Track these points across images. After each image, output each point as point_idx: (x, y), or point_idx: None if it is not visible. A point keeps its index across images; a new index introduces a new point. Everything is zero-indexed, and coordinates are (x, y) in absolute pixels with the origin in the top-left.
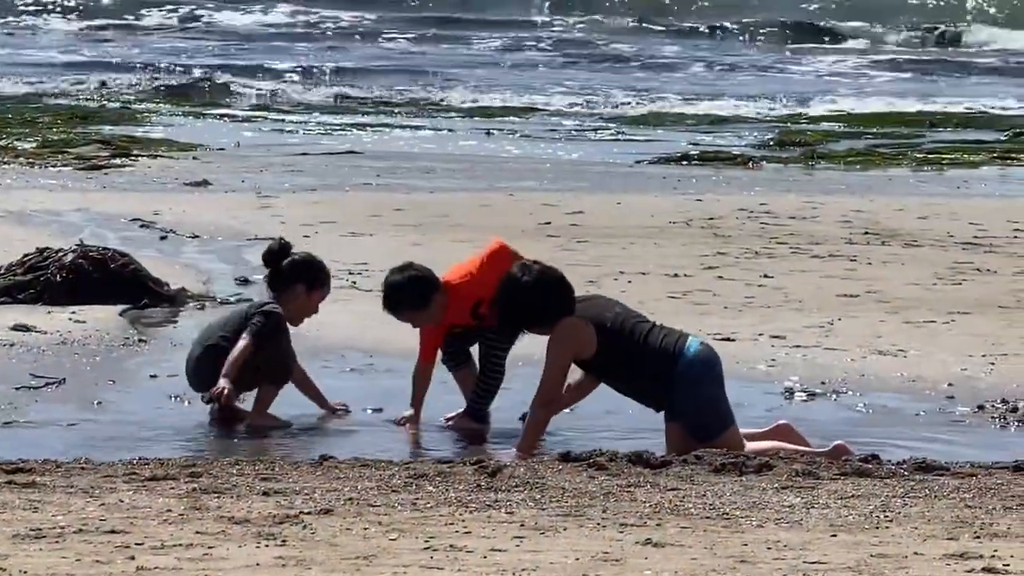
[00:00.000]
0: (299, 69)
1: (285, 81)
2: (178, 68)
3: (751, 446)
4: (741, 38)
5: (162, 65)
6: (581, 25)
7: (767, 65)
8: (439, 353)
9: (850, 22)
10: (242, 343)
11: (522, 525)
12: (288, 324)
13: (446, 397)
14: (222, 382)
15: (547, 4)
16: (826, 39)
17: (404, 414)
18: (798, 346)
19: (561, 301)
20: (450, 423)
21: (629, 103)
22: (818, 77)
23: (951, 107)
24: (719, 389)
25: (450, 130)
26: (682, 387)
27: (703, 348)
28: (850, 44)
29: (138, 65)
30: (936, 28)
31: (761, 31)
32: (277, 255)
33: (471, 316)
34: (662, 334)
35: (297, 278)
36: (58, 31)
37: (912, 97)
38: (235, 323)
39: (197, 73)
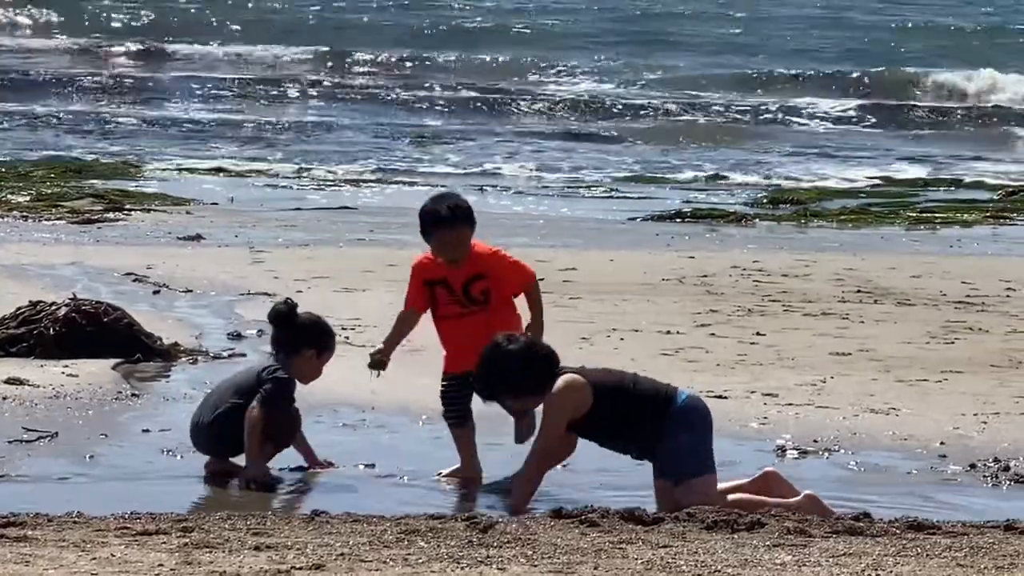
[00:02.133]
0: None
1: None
2: None
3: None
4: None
5: None
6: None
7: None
8: (425, 317)
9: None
10: (253, 414)
11: None
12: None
13: (439, 453)
14: (252, 470)
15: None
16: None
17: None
18: (790, 404)
19: (548, 373)
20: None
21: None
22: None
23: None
24: (707, 436)
25: (443, 187)
26: (673, 431)
27: (694, 396)
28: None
29: None
30: None
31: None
32: (286, 317)
33: (462, 287)
34: (650, 381)
35: (308, 343)
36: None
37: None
38: (248, 387)
39: None
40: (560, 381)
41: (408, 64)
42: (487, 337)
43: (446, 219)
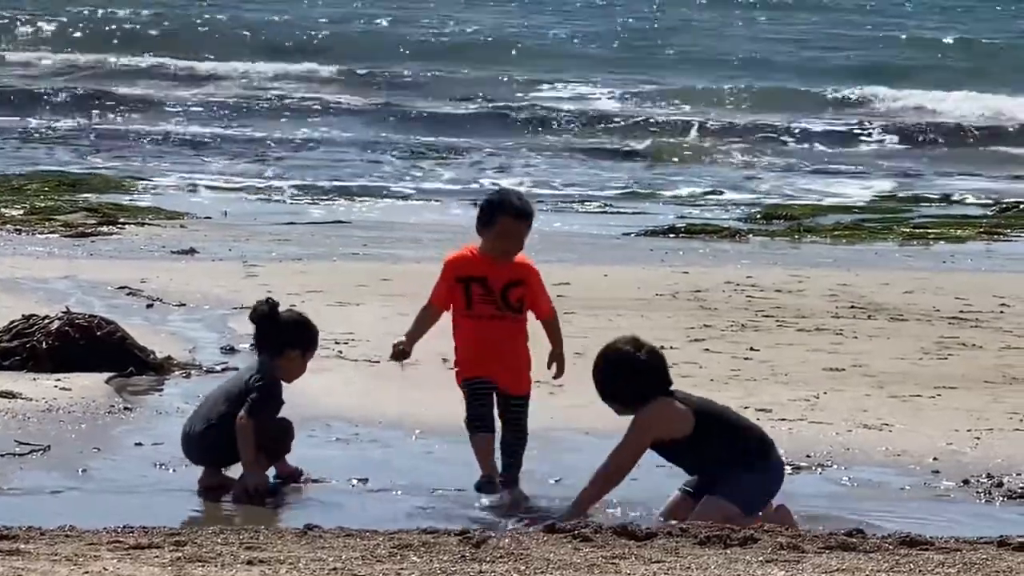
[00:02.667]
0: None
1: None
2: None
3: None
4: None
5: None
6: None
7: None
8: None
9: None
10: (243, 423)
11: None
12: (284, 382)
13: (432, 467)
14: (251, 479)
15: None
16: None
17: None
18: (783, 419)
19: (665, 381)
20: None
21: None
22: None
23: None
24: (773, 496)
25: (437, 200)
26: (759, 477)
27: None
28: None
29: None
30: None
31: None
32: (267, 317)
33: (501, 289)
34: (755, 426)
35: (292, 343)
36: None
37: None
38: (236, 394)
39: None
40: (656, 403)
41: (406, 78)
42: (511, 347)
43: (518, 209)
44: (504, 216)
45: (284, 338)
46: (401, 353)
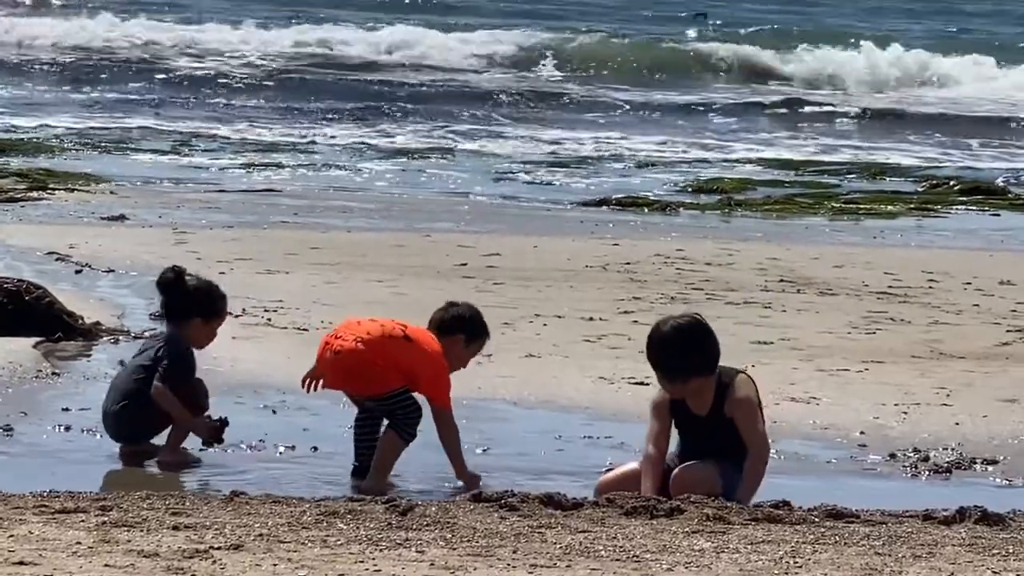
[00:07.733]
0: None
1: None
2: None
3: None
4: None
5: None
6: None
7: None
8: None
9: None
10: (158, 390)
11: (432, 564)
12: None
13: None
14: (200, 431)
15: None
16: None
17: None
18: None
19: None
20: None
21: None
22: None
23: None
24: None
25: (381, 170)
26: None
27: None
28: None
29: None
30: None
31: None
32: (173, 284)
33: None
34: None
35: (198, 311)
36: None
37: None
38: (146, 368)
39: None
40: (745, 379)
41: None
42: None
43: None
44: (487, 339)
45: (190, 305)
46: None
